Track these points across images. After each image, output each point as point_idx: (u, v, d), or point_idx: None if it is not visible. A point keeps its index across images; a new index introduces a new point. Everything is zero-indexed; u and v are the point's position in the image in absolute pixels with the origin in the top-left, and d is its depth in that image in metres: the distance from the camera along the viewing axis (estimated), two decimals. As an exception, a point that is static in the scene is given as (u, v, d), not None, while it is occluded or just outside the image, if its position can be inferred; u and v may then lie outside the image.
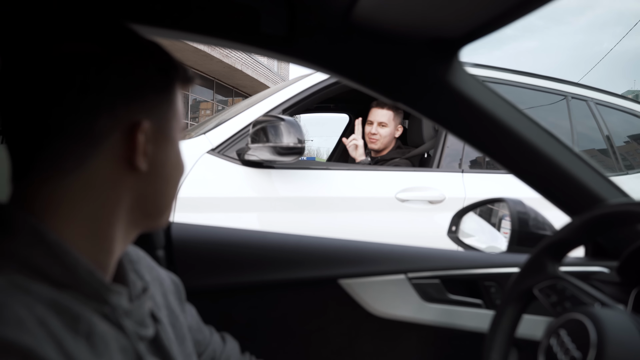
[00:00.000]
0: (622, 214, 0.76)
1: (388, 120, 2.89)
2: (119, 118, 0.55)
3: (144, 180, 0.59)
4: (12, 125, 0.54)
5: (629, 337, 0.64)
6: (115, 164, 0.56)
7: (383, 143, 2.93)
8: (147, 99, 0.58)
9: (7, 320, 0.43)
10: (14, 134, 0.54)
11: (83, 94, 0.52)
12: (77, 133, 0.53)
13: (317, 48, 0.90)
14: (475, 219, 1.63)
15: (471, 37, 0.84)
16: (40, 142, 0.53)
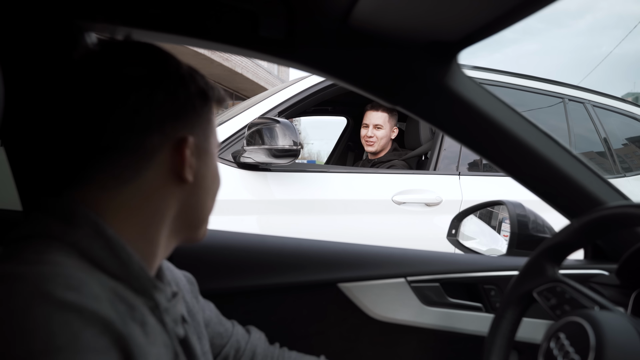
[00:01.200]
0: (621, 217, 0.76)
1: (383, 123, 2.90)
2: (167, 135, 0.61)
3: (189, 191, 0.65)
4: (65, 138, 0.58)
5: (628, 340, 0.63)
6: (165, 176, 0.62)
7: (380, 145, 2.93)
8: (190, 118, 0.63)
9: (87, 294, 0.48)
10: (67, 146, 0.58)
11: (136, 113, 0.58)
12: (132, 148, 0.58)
13: (315, 52, 0.90)
14: (475, 221, 1.63)
15: (469, 41, 0.85)
16: (95, 155, 0.58)
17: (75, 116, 0.57)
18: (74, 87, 0.58)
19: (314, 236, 1.28)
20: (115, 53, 0.61)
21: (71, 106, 0.58)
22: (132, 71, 0.59)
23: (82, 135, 0.57)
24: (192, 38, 0.90)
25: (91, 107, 0.57)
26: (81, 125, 0.57)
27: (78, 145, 0.58)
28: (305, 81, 2.53)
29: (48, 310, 0.45)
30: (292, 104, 2.46)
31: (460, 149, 2.74)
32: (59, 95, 0.59)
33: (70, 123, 0.58)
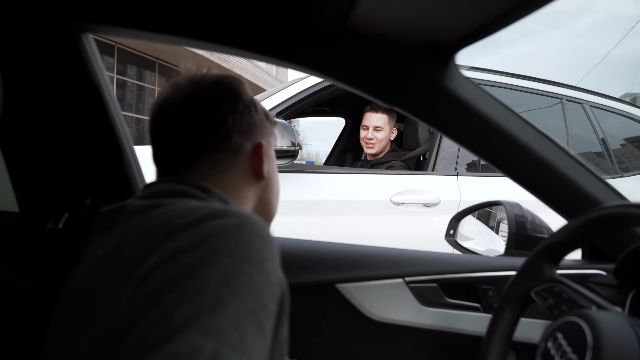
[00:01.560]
0: (618, 216, 0.76)
1: (383, 124, 2.90)
2: (250, 140, 0.80)
3: (263, 187, 0.84)
4: (179, 139, 0.76)
5: (625, 339, 0.63)
6: (247, 172, 0.81)
7: (380, 147, 2.93)
8: (260, 129, 0.83)
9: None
10: (181, 144, 0.76)
11: (228, 125, 0.77)
12: (227, 149, 0.77)
13: (313, 53, 0.90)
14: (473, 222, 1.64)
15: (467, 41, 0.85)
16: (199, 151, 0.76)
17: (191, 124, 0.76)
18: (193, 107, 0.77)
19: (313, 237, 1.28)
20: (215, 88, 0.79)
21: (189, 119, 0.76)
22: (229, 101, 0.78)
23: (192, 137, 0.76)
24: (189, 39, 0.91)
25: (202, 121, 0.76)
26: (194, 130, 0.76)
27: (189, 144, 0.76)
28: (303, 82, 2.53)
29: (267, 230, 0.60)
30: (290, 105, 2.46)
31: (459, 149, 2.74)
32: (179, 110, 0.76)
33: (186, 128, 0.76)
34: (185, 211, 0.60)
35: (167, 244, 0.55)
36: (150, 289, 0.51)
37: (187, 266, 0.52)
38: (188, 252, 0.53)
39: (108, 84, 1.01)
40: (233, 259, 0.53)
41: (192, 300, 0.49)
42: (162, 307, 0.48)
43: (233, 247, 0.54)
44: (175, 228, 0.57)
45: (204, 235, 0.55)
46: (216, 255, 0.53)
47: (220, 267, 0.52)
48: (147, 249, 0.56)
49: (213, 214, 0.58)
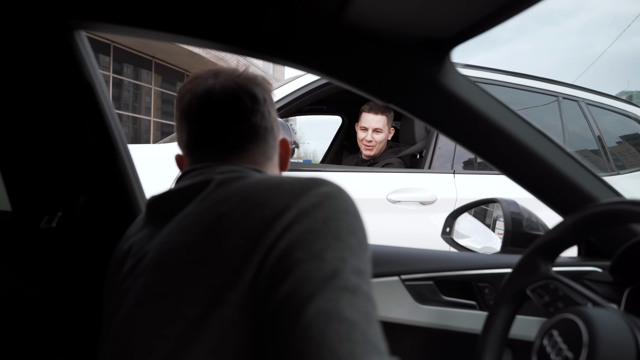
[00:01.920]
0: (614, 213, 0.76)
1: (383, 126, 2.88)
2: (279, 134, 0.89)
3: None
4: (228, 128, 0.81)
5: (621, 336, 0.63)
6: (277, 164, 0.90)
7: (379, 149, 2.92)
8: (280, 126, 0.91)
9: None
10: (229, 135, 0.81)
11: (273, 118, 0.87)
12: (270, 137, 0.85)
13: (308, 50, 0.90)
14: (469, 220, 1.63)
15: (462, 38, 0.84)
16: (250, 140, 0.82)
17: (247, 114, 0.82)
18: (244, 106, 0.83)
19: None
20: (260, 84, 0.86)
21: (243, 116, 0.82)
22: (269, 97, 0.86)
23: (246, 127, 0.82)
24: (184, 36, 0.90)
25: (255, 113, 0.83)
26: (250, 119, 0.82)
27: (243, 132, 0.82)
28: (299, 80, 2.53)
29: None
30: (286, 103, 2.45)
31: (455, 147, 2.74)
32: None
33: (242, 117, 0.82)
34: (283, 179, 0.68)
35: (295, 202, 0.63)
36: (293, 238, 0.59)
37: (320, 220, 0.61)
38: (316, 209, 0.62)
39: (101, 82, 1.01)
40: (349, 216, 0.63)
41: (335, 245, 0.58)
42: (312, 251, 0.57)
43: (346, 206, 0.64)
44: (286, 193, 0.65)
45: (323, 197, 0.64)
46: (338, 212, 0.63)
47: (344, 221, 0.62)
48: (275, 209, 0.63)
49: (315, 182, 0.67)
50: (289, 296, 0.54)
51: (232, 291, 0.59)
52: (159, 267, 0.67)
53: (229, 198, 0.67)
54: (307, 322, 0.51)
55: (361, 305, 0.53)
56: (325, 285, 0.53)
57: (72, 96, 0.97)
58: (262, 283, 0.58)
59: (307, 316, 0.52)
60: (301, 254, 0.57)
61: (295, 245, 0.58)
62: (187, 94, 0.82)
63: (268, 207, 0.63)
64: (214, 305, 0.59)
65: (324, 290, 0.53)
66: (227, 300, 0.59)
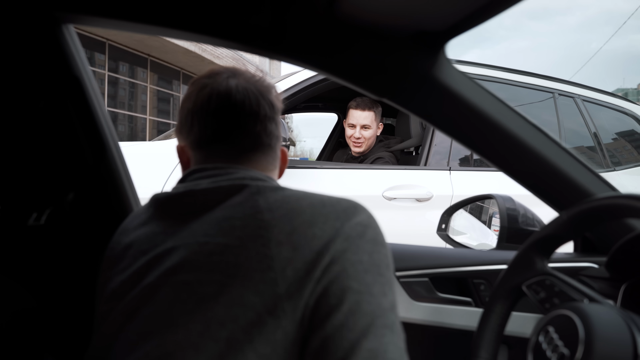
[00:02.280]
0: (610, 208, 0.75)
1: (371, 122, 2.86)
2: (280, 145, 0.89)
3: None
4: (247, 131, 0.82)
5: (617, 333, 0.62)
6: (277, 170, 0.90)
7: (368, 145, 2.91)
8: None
9: None
10: (246, 137, 0.82)
11: (280, 123, 0.88)
12: (278, 144, 0.87)
13: (301, 43, 0.89)
14: (464, 216, 1.63)
15: (456, 30, 0.83)
16: (260, 147, 0.83)
17: (267, 122, 0.83)
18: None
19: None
20: (276, 93, 0.88)
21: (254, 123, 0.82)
22: (279, 104, 0.89)
23: (264, 134, 0.83)
24: (174, 29, 0.88)
25: (273, 121, 0.85)
26: (268, 127, 0.84)
27: (257, 137, 0.82)
28: (294, 77, 2.52)
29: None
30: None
31: (451, 144, 2.73)
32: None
33: (262, 125, 0.83)
34: (323, 198, 0.72)
35: (343, 228, 0.67)
36: (346, 265, 0.63)
37: (367, 252, 0.65)
38: (362, 239, 0.66)
39: (90, 77, 0.99)
40: (385, 248, 0.68)
41: (379, 280, 0.64)
42: (363, 283, 0.62)
43: (381, 238, 0.69)
44: (332, 215, 0.68)
45: (365, 227, 0.68)
46: (378, 244, 0.68)
47: (382, 255, 0.67)
48: (325, 230, 0.66)
49: (354, 206, 0.71)
50: (342, 326, 0.59)
51: (289, 303, 0.62)
52: (200, 267, 0.66)
53: (272, 209, 0.69)
54: (357, 357, 0.58)
55: (399, 343, 0.61)
56: (375, 322, 0.60)
57: (61, 91, 0.96)
58: (313, 302, 0.62)
59: (360, 352, 0.58)
60: (353, 283, 0.62)
61: (349, 273, 0.63)
62: (207, 89, 0.81)
63: (317, 227, 0.66)
64: (269, 313, 0.61)
65: (374, 328, 0.59)
66: (283, 310, 0.61)
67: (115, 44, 13.57)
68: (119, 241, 0.80)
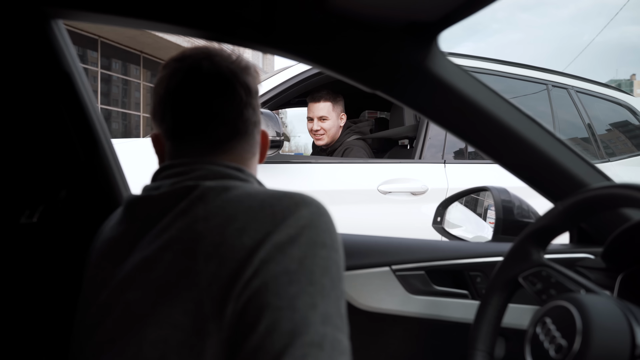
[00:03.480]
0: (605, 198, 0.74)
1: (328, 113, 2.85)
2: (259, 129, 0.85)
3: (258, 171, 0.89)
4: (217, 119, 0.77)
5: (615, 323, 0.62)
6: (257, 156, 0.86)
7: (330, 136, 2.89)
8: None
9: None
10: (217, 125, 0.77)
11: (258, 107, 0.83)
12: (255, 130, 0.83)
13: (293, 36, 0.88)
14: (460, 208, 1.62)
15: (448, 21, 0.82)
16: (237, 136, 0.79)
17: (233, 107, 0.78)
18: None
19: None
20: (250, 74, 0.82)
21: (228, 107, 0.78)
22: (256, 87, 0.83)
23: (235, 122, 0.78)
24: (164, 24, 0.87)
25: (247, 111, 0.80)
26: (235, 113, 0.78)
27: (231, 126, 0.78)
28: (287, 71, 2.51)
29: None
30: (274, 95, 2.44)
31: (445, 136, 2.73)
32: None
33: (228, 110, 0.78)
34: (264, 199, 0.66)
35: (274, 231, 0.61)
36: (267, 278, 0.58)
37: (296, 258, 0.59)
38: (293, 245, 0.61)
39: (81, 72, 0.98)
40: (326, 249, 0.62)
41: (308, 290, 0.57)
42: (285, 297, 0.56)
43: (323, 238, 0.63)
44: (267, 218, 0.63)
45: (299, 227, 0.62)
46: (315, 246, 0.61)
47: (319, 258, 0.61)
48: (255, 237, 0.61)
49: (296, 203, 0.65)
50: (258, 349, 0.54)
51: (214, 323, 0.58)
52: (139, 284, 0.64)
53: (209, 217, 0.64)
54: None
55: (333, 358, 0.54)
56: (294, 342, 0.53)
57: (51, 88, 0.94)
58: (236, 321, 0.58)
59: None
60: (272, 299, 0.56)
61: (269, 288, 0.57)
62: (178, 74, 0.77)
63: (248, 235, 0.61)
64: (197, 334, 0.59)
65: (293, 348, 0.53)
66: (210, 331, 0.58)
67: (108, 41, 13.50)
68: (94, 245, 0.79)
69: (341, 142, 2.88)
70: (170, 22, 0.86)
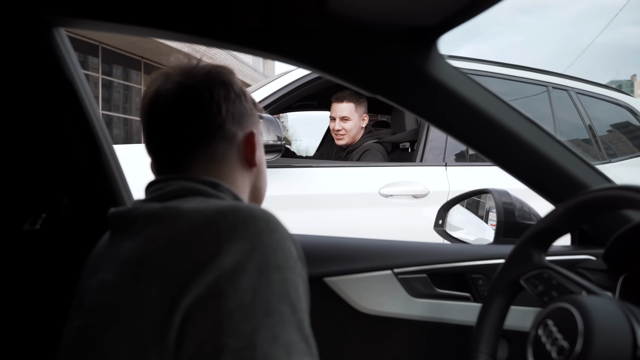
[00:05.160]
0: (606, 199, 0.75)
1: (350, 113, 2.85)
2: (242, 128, 0.81)
3: (255, 174, 0.85)
4: (172, 134, 0.76)
5: (616, 324, 0.62)
6: (241, 161, 0.81)
7: (350, 137, 2.89)
8: (250, 118, 0.84)
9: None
10: (173, 141, 0.76)
11: (224, 113, 0.78)
12: (222, 139, 0.78)
13: (293, 41, 0.88)
14: (461, 211, 1.62)
15: (448, 25, 0.83)
16: (194, 143, 0.76)
17: (187, 116, 0.76)
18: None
19: (302, 232, 1.26)
20: (208, 78, 0.78)
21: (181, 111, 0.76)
22: (222, 90, 0.78)
23: (189, 130, 0.76)
24: (165, 31, 0.88)
25: (198, 112, 0.76)
26: (191, 122, 0.76)
27: (186, 136, 0.76)
28: (287, 76, 2.51)
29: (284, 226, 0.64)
30: (275, 99, 2.44)
31: (447, 139, 2.73)
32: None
33: (183, 120, 0.76)
34: (211, 214, 0.61)
35: (218, 256, 0.57)
36: (220, 316, 0.53)
37: (249, 289, 0.55)
38: (242, 274, 0.55)
39: (83, 80, 0.99)
40: (280, 272, 0.57)
41: (266, 323, 0.53)
42: (242, 335, 0.52)
43: (276, 259, 0.58)
44: (210, 237, 0.59)
45: (247, 250, 0.57)
46: (267, 272, 0.56)
47: (274, 283, 0.56)
48: (192, 264, 0.57)
49: (243, 220, 0.60)
50: None
51: (155, 353, 0.55)
52: (91, 309, 0.63)
53: (155, 238, 0.62)
54: None
55: None
56: None
57: (53, 95, 0.95)
58: (183, 353, 0.54)
59: None
60: (231, 340, 0.52)
61: (224, 327, 0.53)
62: (147, 92, 0.78)
63: (191, 257, 0.57)
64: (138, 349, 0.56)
65: None
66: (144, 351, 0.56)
67: (109, 47, 13.52)
68: (90, 256, 0.78)
69: (360, 143, 2.88)
70: (170, 29, 0.87)
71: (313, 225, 2.25)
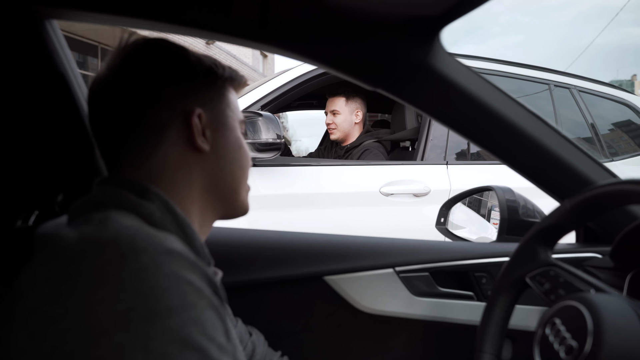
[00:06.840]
0: (613, 194, 0.73)
1: (340, 107, 2.85)
2: (177, 110, 0.67)
3: (211, 161, 0.70)
4: (101, 130, 0.68)
5: (627, 322, 0.60)
6: (183, 148, 0.67)
7: (342, 132, 2.88)
8: (200, 94, 0.70)
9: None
10: (103, 138, 0.68)
11: (146, 96, 0.66)
12: (146, 128, 0.66)
13: (291, 33, 0.86)
14: (463, 209, 1.61)
15: (451, 16, 0.81)
16: (126, 138, 0.66)
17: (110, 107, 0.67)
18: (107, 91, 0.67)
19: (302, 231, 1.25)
20: (131, 58, 0.68)
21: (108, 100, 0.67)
22: (145, 69, 0.67)
23: (111, 123, 0.66)
24: (160, 22, 0.85)
25: (120, 101, 0.66)
26: (113, 114, 0.66)
27: (110, 132, 0.67)
28: (287, 74, 2.50)
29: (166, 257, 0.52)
30: (274, 97, 2.42)
31: (447, 138, 2.71)
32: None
33: (106, 113, 0.67)
34: (90, 242, 0.52)
35: (93, 307, 0.47)
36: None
37: (139, 349, 0.45)
38: (127, 330, 0.46)
39: (76, 73, 0.97)
40: (174, 316, 0.47)
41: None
42: None
43: (167, 300, 0.48)
44: (82, 276, 0.49)
45: (129, 294, 0.47)
46: (157, 319, 0.46)
47: (169, 332, 0.46)
48: (61, 307, 0.48)
49: (121, 255, 0.50)
50: None
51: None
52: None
53: (36, 272, 0.54)
54: None
55: None
56: None
57: (46, 89, 0.93)
58: None
59: None
60: None
61: None
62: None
63: (61, 301, 0.48)
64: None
65: None
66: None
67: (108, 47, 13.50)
68: None
69: (360, 142, 2.87)
70: (165, 20, 0.85)
71: (313, 224, 2.23)
